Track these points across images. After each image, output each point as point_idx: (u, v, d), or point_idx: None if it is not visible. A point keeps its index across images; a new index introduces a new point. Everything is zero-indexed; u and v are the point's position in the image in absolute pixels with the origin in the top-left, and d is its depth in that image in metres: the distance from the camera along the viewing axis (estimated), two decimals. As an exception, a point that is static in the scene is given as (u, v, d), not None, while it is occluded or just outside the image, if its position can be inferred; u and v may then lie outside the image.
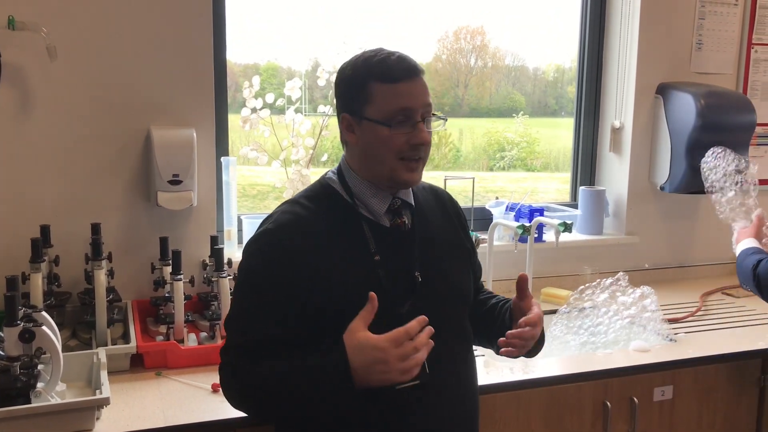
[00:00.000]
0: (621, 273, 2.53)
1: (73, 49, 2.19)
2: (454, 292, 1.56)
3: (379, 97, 1.43)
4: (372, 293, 1.32)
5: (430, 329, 1.32)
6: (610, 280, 2.51)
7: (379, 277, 1.44)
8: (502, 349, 1.49)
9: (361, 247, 1.46)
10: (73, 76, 2.20)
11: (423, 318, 1.32)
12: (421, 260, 1.51)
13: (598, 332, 2.37)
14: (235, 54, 2.63)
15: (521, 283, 1.53)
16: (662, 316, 2.41)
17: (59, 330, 1.84)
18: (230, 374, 1.43)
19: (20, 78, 2.15)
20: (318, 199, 1.51)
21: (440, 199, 1.68)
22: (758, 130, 3.06)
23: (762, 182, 3.19)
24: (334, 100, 2.58)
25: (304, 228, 1.44)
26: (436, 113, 1.51)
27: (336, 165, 1.58)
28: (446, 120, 1.54)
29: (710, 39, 3.02)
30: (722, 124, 2.82)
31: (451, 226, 1.64)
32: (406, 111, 1.43)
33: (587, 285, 2.53)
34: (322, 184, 1.55)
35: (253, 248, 1.46)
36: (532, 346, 1.53)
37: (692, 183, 2.87)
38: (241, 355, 1.41)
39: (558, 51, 3.36)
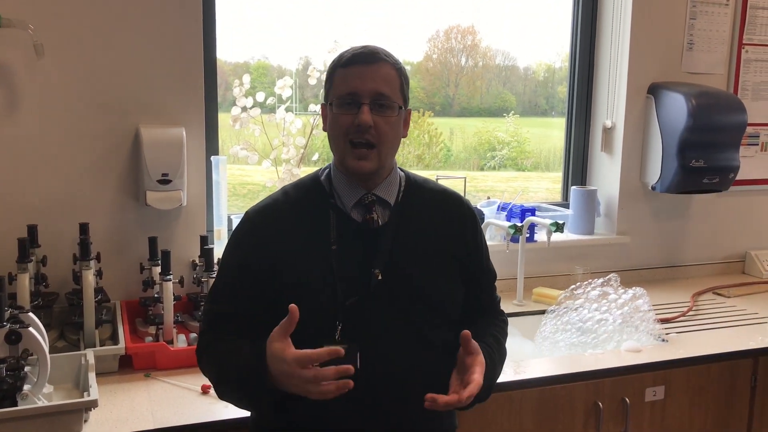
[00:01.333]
0: (613, 274, 2.53)
1: (61, 47, 2.16)
2: (416, 297, 1.50)
3: (336, 81, 1.49)
4: (293, 306, 1.30)
5: (343, 385, 1.26)
6: (601, 280, 2.51)
7: (331, 267, 1.47)
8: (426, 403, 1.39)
9: (321, 236, 1.50)
10: (61, 74, 2.18)
11: (335, 350, 1.28)
12: (386, 259, 1.49)
13: (587, 330, 2.36)
14: (225, 52, 2.62)
15: (463, 338, 1.43)
16: (655, 316, 2.41)
17: (47, 331, 1.82)
18: (198, 349, 1.55)
19: (7, 76, 2.13)
20: (302, 188, 1.58)
21: (446, 203, 1.62)
22: (749, 130, 3.07)
23: (753, 182, 3.22)
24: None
25: (276, 213, 1.53)
26: (398, 104, 1.48)
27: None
28: (401, 108, 1.50)
29: (701, 39, 3.03)
30: (713, 124, 2.83)
31: (444, 233, 1.57)
32: (351, 94, 1.45)
33: (579, 284, 2.53)
34: (313, 176, 1.61)
35: (233, 230, 1.58)
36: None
37: (683, 183, 2.87)
38: (207, 327, 1.53)
39: (548, 51, 3.36)
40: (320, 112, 1.58)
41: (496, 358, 1.56)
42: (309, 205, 1.53)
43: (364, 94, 1.44)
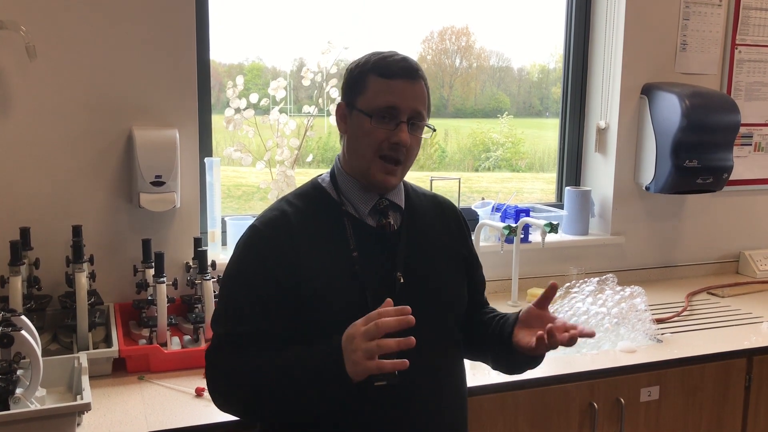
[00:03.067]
0: (610, 274, 2.54)
1: (54, 48, 2.15)
2: (437, 298, 1.53)
3: (372, 90, 1.45)
4: (388, 299, 1.29)
5: (403, 319, 1.26)
6: (597, 279, 2.51)
7: (355, 273, 1.44)
8: (536, 338, 1.41)
9: (341, 244, 1.47)
10: (54, 75, 2.17)
11: (404, 308, 1.27)
12: (405, 262, 1.49)
13: (582, 323, 2.35)
14: (219, 54, 2.61)
15: (551, 292, 1.47)
16: (651, 316, 2.41)
17: (39, 334, 1.81)
18: (216, 373, 1.41)
19: (-1, 77, 2.12)
20: (306, 197, 1.53)
21: (441, 206, 1.66)
22: (742, 130, 3.08)
23: (747, 182, 3.23)
24: (320, 100, 2.59)
25: (288, 224, 1.46)
26: (427, 125, 1.50)
27: (328, 166, 1.61)
28: (434, 130, 1.53)
29: (694, 39, 3.03)
30: (707, 124, 2.84)
31: (446, 233, 1.61)
32: (392, 108, 1.43)
33: (574, 282, 2.53)
34: (313, 184, 1.57)
35: (239, 246, 1.48)
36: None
37: (677, 183, 2.88)
38: (228, 350, 1.40)
39: (542, 52, 3.36)
40: (337, 111, 1.52)
41: None
42: (320, 214, 1.50)
43: (404, 111, 1.43)
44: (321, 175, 1.58)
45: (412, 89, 1.44)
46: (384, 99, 1.43)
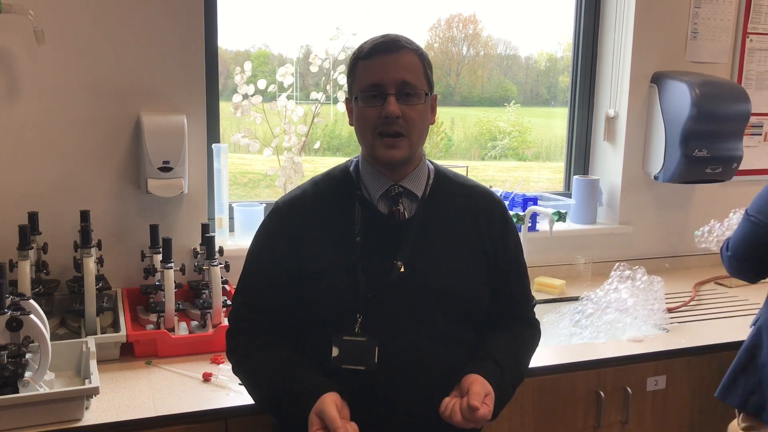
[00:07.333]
0: (639, 267, 2.53)
1: (62, 33, 2.15)
2: (438, 291, 1.49)
3: (359, 74, 1.48)
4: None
5: None
6: (628, 272, 2.50)
7: (354, 258, 1.47)
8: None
9: (347, 228, 1.50)
10: (62, 60, 2.16)
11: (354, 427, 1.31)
12: (411, 252, 1.48)
13: (588, 325, 2.36)
14: (225, 41, 2.60)
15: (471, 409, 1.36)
16: (665, 306, 2.41)
17: (48, 318, 1.82)
18: (231, 348, 1.56)
19: (6, 62, 2.11)
20: (330, 179, 1.59)
21: (476, 199, 1.60)
22: (752, 119, 3.06)
23: (755, 172, 3.22)
24: (327, 87, 2.58)
25: (304, 204, 1.54)
26: (421, 90, 1.46)
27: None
28: (427, 95, 1.49)
29: (705, 28, 3.01)
30: (717, 113, 2.82)
31: (471, 228, 1.55)
32: (376, 85, 1.44)
33: (611, 277, 2.52)
34: (344, 165, 1.61)
35: (262, 221, 1.60)
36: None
37: (686, 173, 2.86)
38: (238, 324, 1.55)
39: (550, 40, 3.34)
40: (345, 106, 1.58)
41: (505, 381, 1.50)
42: (336, 197, 1.54)
43: (388, 84, 1.43)
44: (354, 157, 1.61)
45: (393, 61, 1.44)
46: (368, 78, 1.45)
